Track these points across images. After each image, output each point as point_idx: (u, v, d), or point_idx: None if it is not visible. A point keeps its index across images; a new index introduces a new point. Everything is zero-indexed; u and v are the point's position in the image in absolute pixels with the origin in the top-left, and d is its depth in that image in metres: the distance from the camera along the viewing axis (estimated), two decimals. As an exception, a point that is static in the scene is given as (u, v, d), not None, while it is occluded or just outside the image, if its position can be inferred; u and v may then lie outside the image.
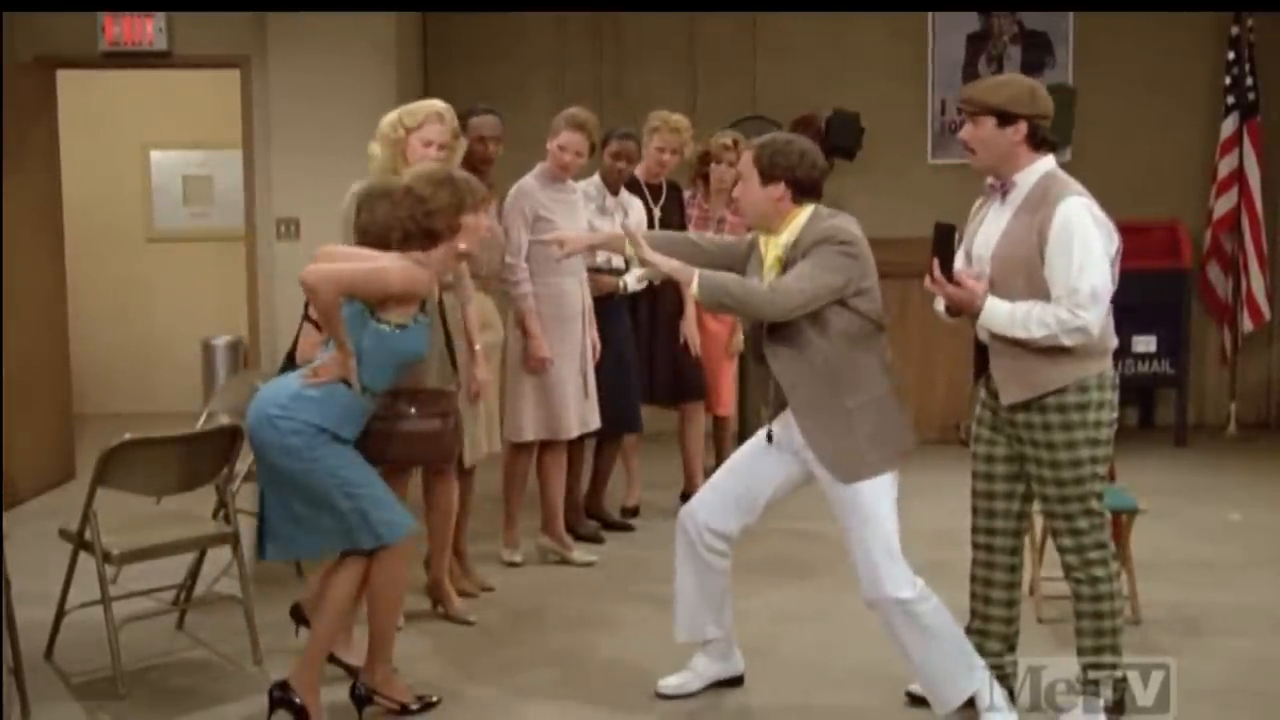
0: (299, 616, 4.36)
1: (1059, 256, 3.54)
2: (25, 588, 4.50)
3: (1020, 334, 3.59)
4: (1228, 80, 8.25)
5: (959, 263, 3.78)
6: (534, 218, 5.37)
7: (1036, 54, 8.56)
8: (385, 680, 3.98)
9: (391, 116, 4.69)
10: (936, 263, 3.68)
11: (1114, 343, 3.71)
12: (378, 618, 3.93)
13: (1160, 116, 8.15)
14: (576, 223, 5.48)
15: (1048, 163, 3.70)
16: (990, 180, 3.75)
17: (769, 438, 3.89)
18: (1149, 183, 8.12)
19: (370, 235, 3.99)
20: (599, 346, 5.66)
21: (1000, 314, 3.62)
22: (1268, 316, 8.36)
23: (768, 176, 3.78)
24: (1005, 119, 3.65)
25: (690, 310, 6.23)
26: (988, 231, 3.74)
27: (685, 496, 6.52)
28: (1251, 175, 8.20)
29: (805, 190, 3.80)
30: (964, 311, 3.73)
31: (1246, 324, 8.37)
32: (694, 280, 3.70)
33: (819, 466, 3.81)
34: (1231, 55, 8.24)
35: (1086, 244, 3.54)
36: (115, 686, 4.18)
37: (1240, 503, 6.69)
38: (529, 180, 5.45)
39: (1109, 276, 3.58)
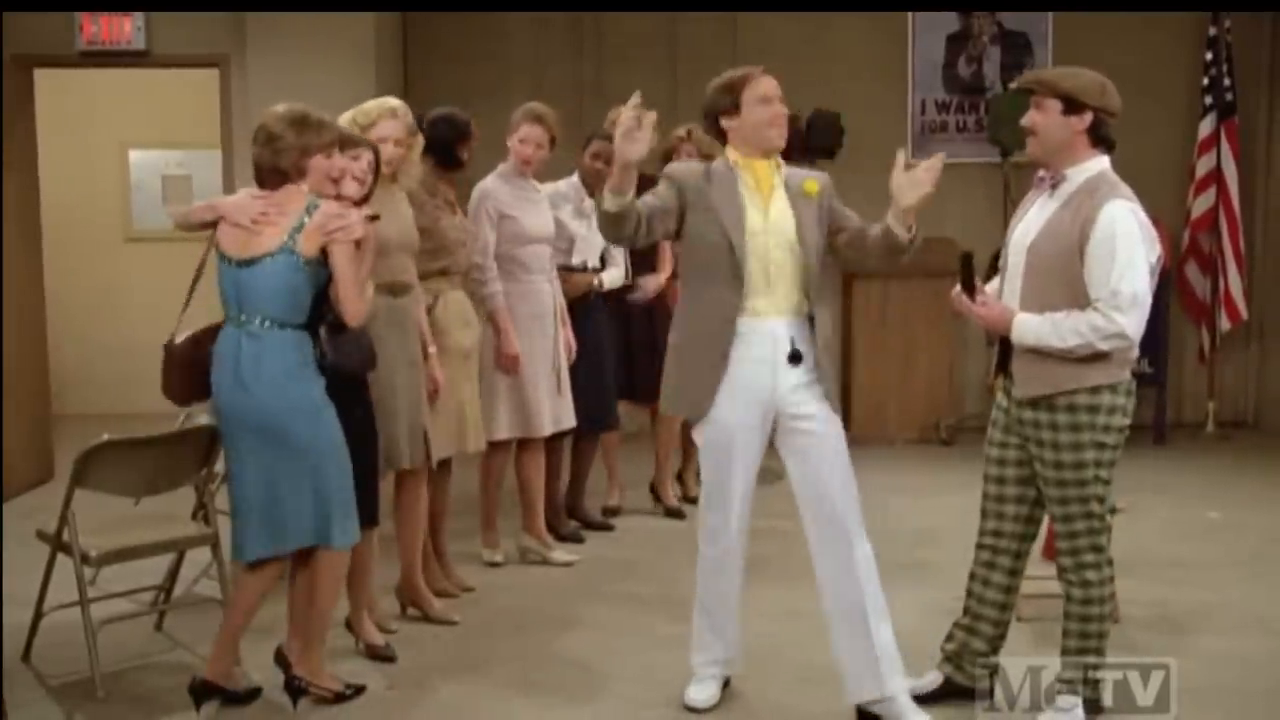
0: (284, 661, 4.21)
1: (1101, 258, 3.53)
2: (3, 589, 4.49)
3: (1055, 344, 3.58)
4: (1205, 81, 8.31)
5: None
6: (499, 216, 5.37)
7: (1016, 54, 8.61)
8: (316, 670, 4.04)
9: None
10: (960, 287, 3.77)
11: (1136, 352, 3.68)
12: (320, 610, 3.98)
13: (1138, 117, 8.12)
14: (541, 220, 5.49)
15: (1102, 162, 3.69)
16: (1040, 173, 3.76)
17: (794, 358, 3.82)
18: (1127, 182, 8.11)
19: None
20: (574, 345, 5.66)
21: (1031, 327, 3.62)
22: (1245, 316, 8.42)
23: None
24: (1072, 106, 3.63)
25: None
26: (1029, 222, 3.74)
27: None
28: (1229, 175, 8.25)
29: None
30: (996, 330, 3.75)
31: (1224, 323, 8.42)
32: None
33: (825, 410, 3.85)
34: (1209, 56, 8.30)
35: (1130, 248, 3.53)
36: (93, 688, 4.16)
37: (1219, 501, 6.74)
38: (491, 180, 5.45)
39: (1149, 282, 3.58)
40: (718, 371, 3.81)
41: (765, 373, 3.81)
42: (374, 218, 3.95)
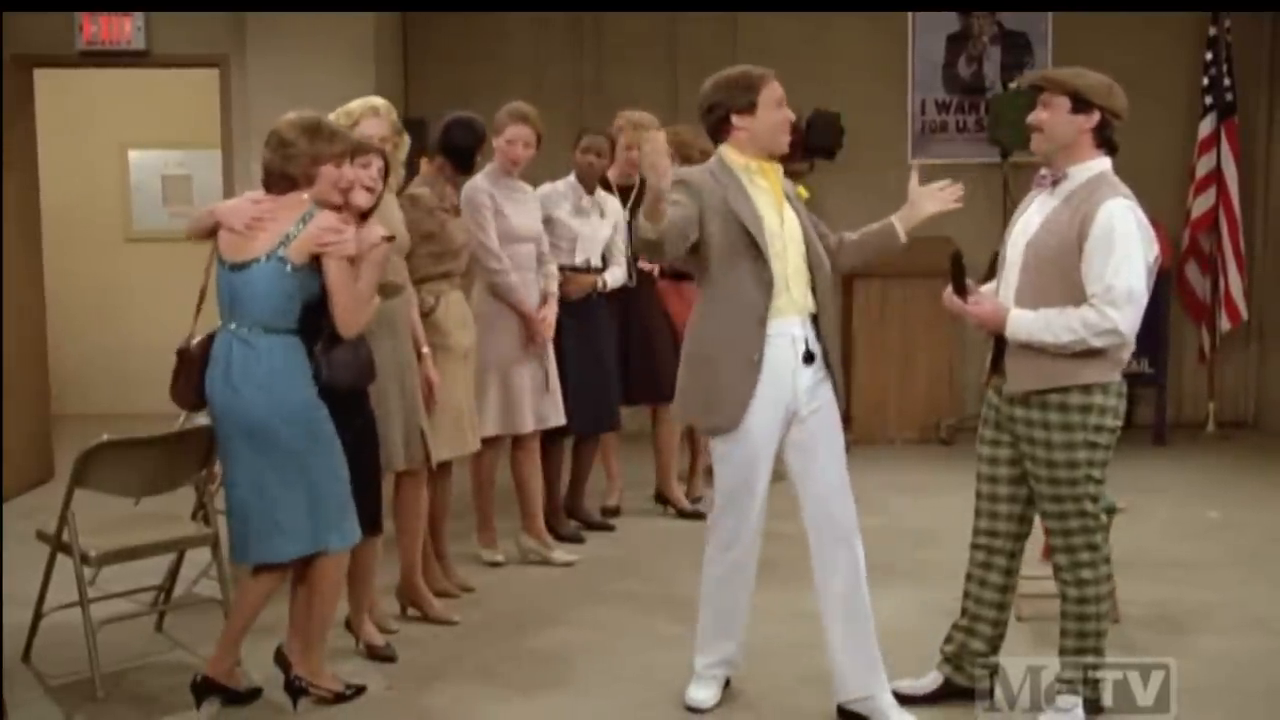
0: (284, 661, 4.18)
1: (1097, 254, 3.54)
2: (3, 589, 4.49)
3: (1049, 340, 3.58)
4: (1205, 81, 8.30)
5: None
6: (494, 211, 5.38)
7: (1016, 54, 8.60)
8: (316, 670, 4.05)
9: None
10: (951, 288, 3.79)
11: (1129, 352, 3.69)
12: (321, 612, 3.99)
13: (1138, 117, 8.01)
14: (529, 219, 5.51)
15: (1104, 163, 3.70)
16: (1043, 171, 3.77)
17: (808, 358, 3.83)
18: (1127, 182, 8.03)
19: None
20: (553, 321, 5.59)
21: (1025, 323, 3.63)
22: (1245, 316, 8.41)
23: None
24: (1080, 104, 3.66)
25: None
26: (1028, 219, 3.76)
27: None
28: (1229, 175, 8.24)
29: None
30: (990, 328, 3.75)
31: (1224, 323, 8.40)
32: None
33: (830, 402, 3.89)
34: (1209, 56, 8.29)
35: (1127, 244, 3.54)
36: (93, 689, 4.16)
37: (1219, 501, 6.73)
38: (479, 178, 5.43)
39: (1145, 280, 3.59)
40: (751, 377, 3.77)
41: (788, 375, 3.81)
42: (389, 238, 3.96)
